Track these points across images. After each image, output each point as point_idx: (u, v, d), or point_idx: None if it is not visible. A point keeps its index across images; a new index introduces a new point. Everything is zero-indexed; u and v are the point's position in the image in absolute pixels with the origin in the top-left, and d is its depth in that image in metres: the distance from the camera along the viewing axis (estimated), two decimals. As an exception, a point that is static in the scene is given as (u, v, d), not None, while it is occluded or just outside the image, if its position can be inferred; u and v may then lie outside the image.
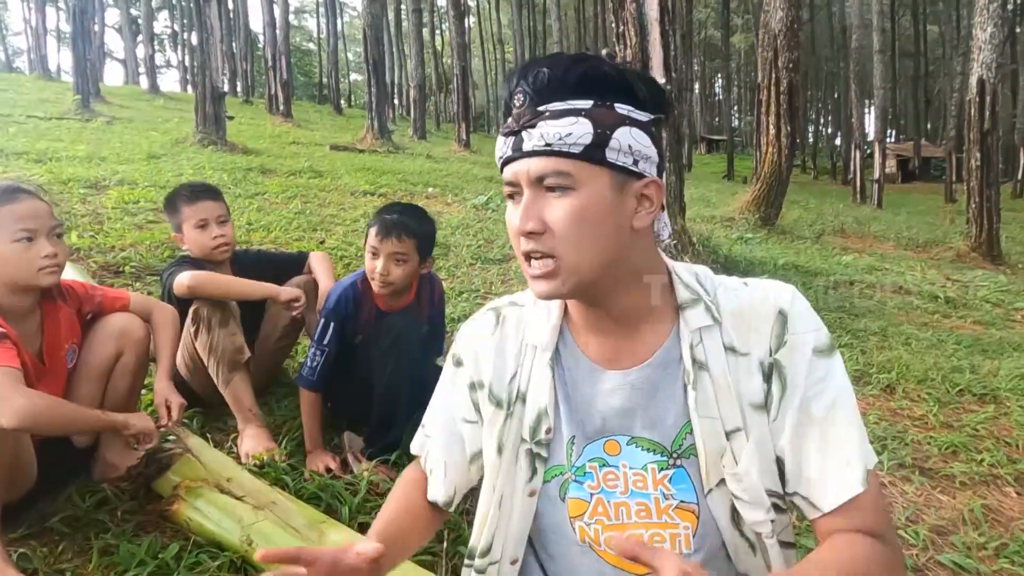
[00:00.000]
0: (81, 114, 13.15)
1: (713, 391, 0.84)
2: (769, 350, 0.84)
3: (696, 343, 0.85)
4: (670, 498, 0.86)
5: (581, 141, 0.78)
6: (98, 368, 1.72)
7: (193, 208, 2.22)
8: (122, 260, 3.71)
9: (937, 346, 4.16)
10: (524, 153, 0.80)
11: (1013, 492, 2.46)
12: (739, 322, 0.86)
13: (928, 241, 9.81)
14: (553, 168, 0.79)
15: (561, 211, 0.79)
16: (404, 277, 2.00)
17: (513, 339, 0.95)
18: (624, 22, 4.85)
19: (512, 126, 0.81)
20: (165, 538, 1.55)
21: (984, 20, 8.70)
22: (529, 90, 0.80)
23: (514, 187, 0.83)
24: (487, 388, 0.94)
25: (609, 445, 0.88)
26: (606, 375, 0.88)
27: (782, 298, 0.87)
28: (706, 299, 0.87)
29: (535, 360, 0.92)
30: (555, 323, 0.92)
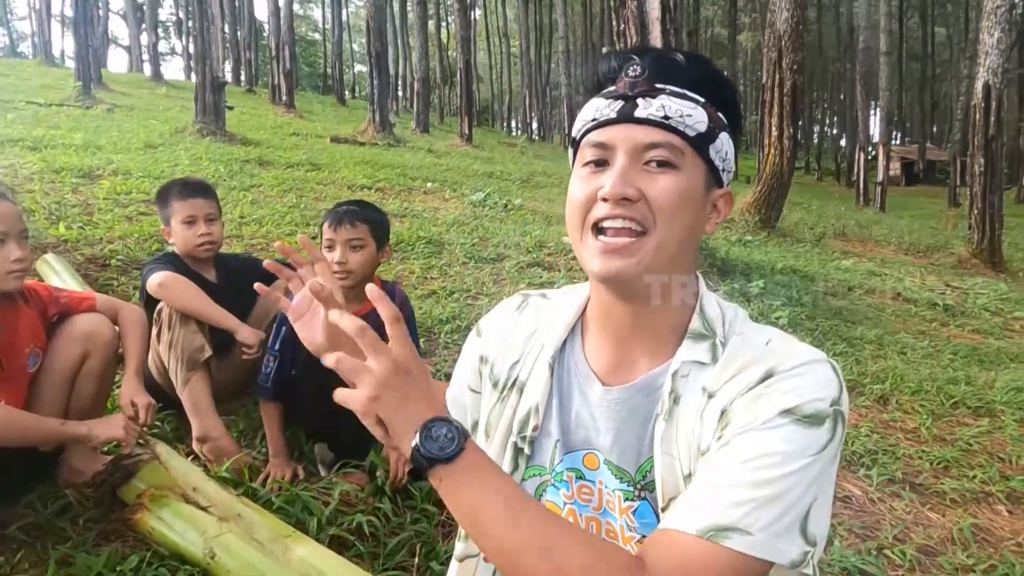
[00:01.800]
0: (82, 101, 13.08)
1: (677, 429, 0.79)
2: (734, 395, 0.76)
3: (682, 375, 0.80)
4: (633, 531, 0.82)
5: (697, 127, 0.78)
6: (63, 371, 1.68)
7: (184, 204, 2.21)
8: (109, 253, 3.66)
9: (933, 356, 4.11)
10: (635, 119, 0.77)
11: (1004, 511, 2.42)
12: (729, 367, 0.78)
13: (930, 246, 9.74)
14: (668, 140, 0.77)
15: (665, 184, 0.77)
16: (363, 264, 2.01)
17: (528, 327, 0.94)
18: (625, 20, 4.79)
19: (622, 91, 0.79)
20: (127, 548, 1.51)
21: (991, 24, 8.62)
22: (647, 64, 0.78)
23: (605, 152, 0.79)
24: (490, 365, 0.94)
25: (589, 458, 0.85)
26: (594, 387, 0.85)
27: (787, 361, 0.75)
28: (717, 339, 0.82)
29: (540, 355, 0.90)
30: (569, 322, 0.90)
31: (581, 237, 0.80)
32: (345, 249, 1.98)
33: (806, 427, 0.71)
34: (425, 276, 4.27)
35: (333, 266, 1.95)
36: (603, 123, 0.79)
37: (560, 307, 0.93)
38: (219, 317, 2.06)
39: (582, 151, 0.82)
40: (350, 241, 1.99)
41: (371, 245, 2.03)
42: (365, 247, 2.02)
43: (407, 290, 3.90)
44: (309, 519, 1.66)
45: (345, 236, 1.99)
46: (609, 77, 0.82)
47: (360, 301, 2.08)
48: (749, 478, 0.69)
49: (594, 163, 0.80)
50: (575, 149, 0.85)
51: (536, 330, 0.93)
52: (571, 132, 0.87)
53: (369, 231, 2.03)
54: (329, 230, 2.00)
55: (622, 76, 0.80)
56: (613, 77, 0.81)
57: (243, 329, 2.08)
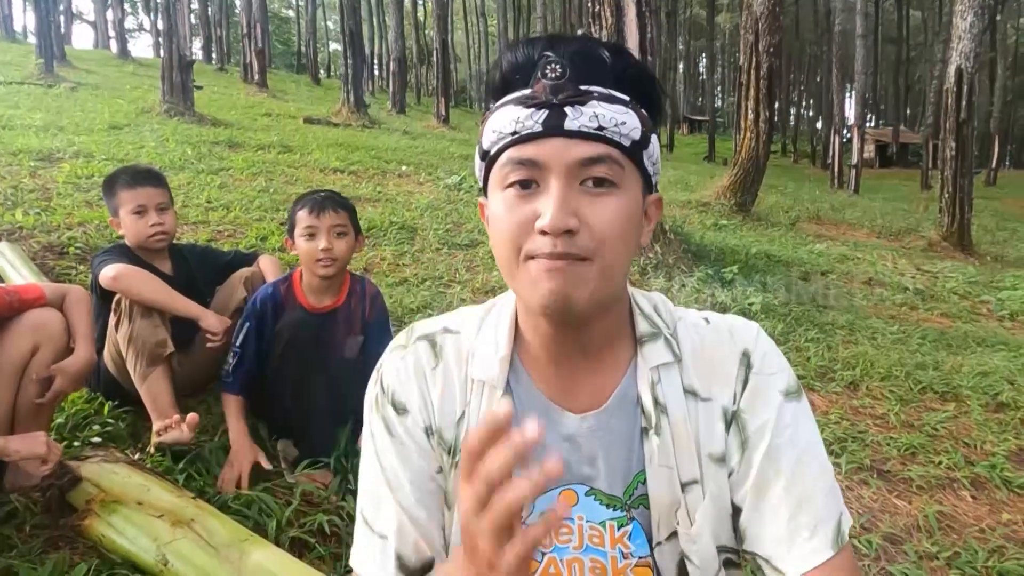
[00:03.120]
0: (44, 79, 12.69)
1: (671, 437, 0.75)
2: (733, 396, 0.76)
3: (656, 382, 0.76)
4: (628, 557, 0.78)
5: (632, 135, 0.69)
6: (12, 364, 1.61)
7: (132, 193, 2.11)
8: (68, 240, 3.54)
9: (903, 341, 4.15)
10: (566, 132, 0.67)
11: (968, 496, 2.45)
12: (701, 363, 0.78)
13: (901, 229, 9.87)
14: (608, 154, 0.68)
15: (609, 208, 0.68)
16: (346, 252, 1.99)
17: (456, 373, 0.81)
18: (600, 2, 4.71)
19: (543, 96, 0.67)
20: (76, 555, 1.46)
21: (964, 9, 8.67)
22: (567, 63, 0.68)
23: (533, 171, 0.68)
24: (438, 434, 0.80)
25: (565, 495, 0.79)
26: (564, 417, 0.78)
27: (746, 337, 0.79)
28: (666, 332, 0.79)
29: (483, 398, 0.79)
30: (505, 354, 0.79)
31: (516, 268, 0.70)
32: (330, 236, 1.94)
33: (799, 398, 0.77)
34: (397, 263, 4.21)
35: (318, 254, 1.92)
36: (527, 137, 0.69)
37: (483, 338, 0.81)
38: (182, 306, 1.99)
39: (501, 170, 0.71)
40: (334, 227, 1.95)
41: (351, 233, 2.01)
42: (347, 234, 1.99)
43: (378, 278, 3.85)
44: (268, 521, 1.61)
45: (329, 222, 1.94)
46: (519, 74, 0.70)
47: (336, 293, 2.05)
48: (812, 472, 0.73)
49: (519, 184, 0.69)
50: (488, 164, 0.73)
51: (468, 374, 0.80)
52: (481, 142, 0.74)
53: (349, 218, 2.01)
54: (310, 217, 1.94)
55: (538, 77, 0.68)
56: (525, 75, 0.70)
57: (208, 316, 2.01)
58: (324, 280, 1.98)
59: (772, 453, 0.73)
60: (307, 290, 2.02)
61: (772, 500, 0.73)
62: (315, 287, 2.01)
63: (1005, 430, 2.96)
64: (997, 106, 27.33)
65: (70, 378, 1.66)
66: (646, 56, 4.76)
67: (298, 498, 1.71)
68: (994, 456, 2.70)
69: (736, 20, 30.88)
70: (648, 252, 4.69)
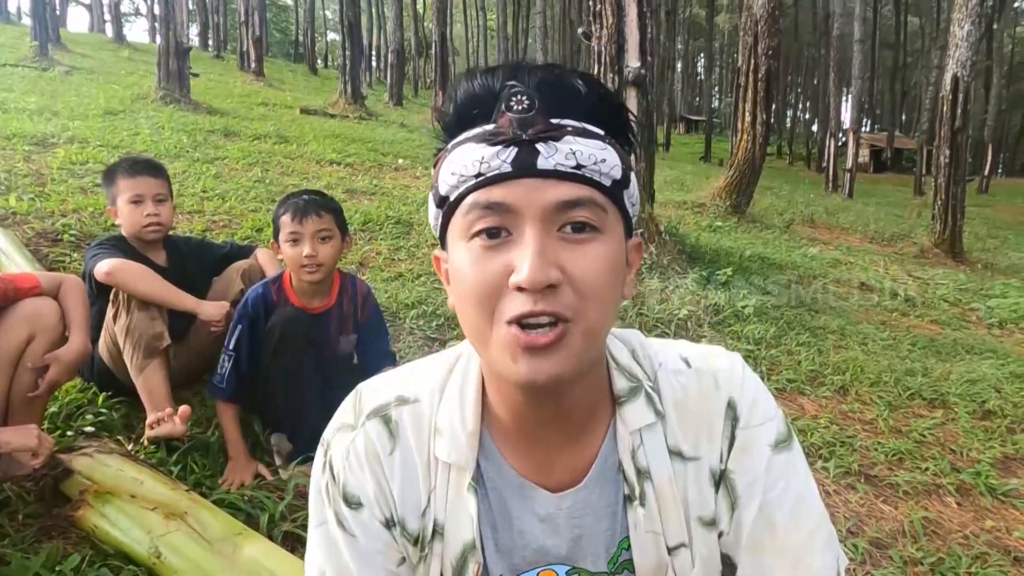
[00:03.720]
0: (38, 62, 12.55)
1: (656, 503, 0.70)
2: (720, 455, 0.71)
3: (637, 446, 0.70)
4: None
5: (612, 173, 0.62)
6: (7, 353, 1.61)
7: (131, 182, 2.11)
8: (62, 227, 3.52)
9: (893, 347, 4.19)
10: (539, 172, 0.59)
11: (954, 503, 2.48)
12: (686, 418, 0.72)
13: (894, 235, 9.93)
14: (588, 196, 0.60)
15: (590, 258, 0.60)
16: (332, 256, 1.96)
17: (417, 453, 0.72)
18: (601, 1, 4.71)
19: (512, 132, 0.59)
20: (69, 545, 1.46)
21: (962, 17, 8.70)
22: (535, 94, 0.60)
23: (503, 218, 0.60)
24: (400, 525, 0.72)
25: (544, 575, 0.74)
26: (539, 497, 0.71)
27: (732, 383, 0.72)
28: (646, 385, 0.72)
29: (450, 481, 0.71)
30: (473, 430, 0.70)
31: (488, 332, 0.61)
32: (314, 241, 1.91)
33: (789, 446, 0.72)
34: (392, 257, 4.20)
35: (302, 260, 1.89)
36: (494, 179, 0.60)
37: (447, 410, 0.72)
38: (177, 299, 1.99)
39: (464, 218, 0.61)
40: (319, 232, 1.92)
41: (337, 235, 1.98)
42: (332, 237, 1.95)
43: (373, 272, 3.85)
44: (260, 515, 1.62)
45: (313, 228, 1.90)
46: (476, 108, 0.62)
47: (326, 294, 2.04)
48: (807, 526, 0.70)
49: (487, 233, 0.60)
50: (447, 213, 0.64)
51: (431, 452, 0.72)
52: (437, 187, 0.65)
53: (334, 220, 1.97)
54: (293, 223, 1.90)
55: (502, 110, 0.60)
56: (486, 108, 0.61)
57: (205, 306, 2.01)
58: (311, 285, 1.97)
59: (765, 510, 0.69)
60: (297, 292, 2.00)
61: (768, 560, 0.69)
62: (304, 290, 1.99)
63: (991, 438, 2.99)
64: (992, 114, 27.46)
65: (64, 367, 1.66)
66: (646, 56, 4.77)
67: (291, 492, 1.72)
68: (979, 463, 2.74)
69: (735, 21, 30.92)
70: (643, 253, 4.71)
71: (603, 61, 4.76)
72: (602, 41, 4.76)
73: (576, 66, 26.23)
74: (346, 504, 0.72)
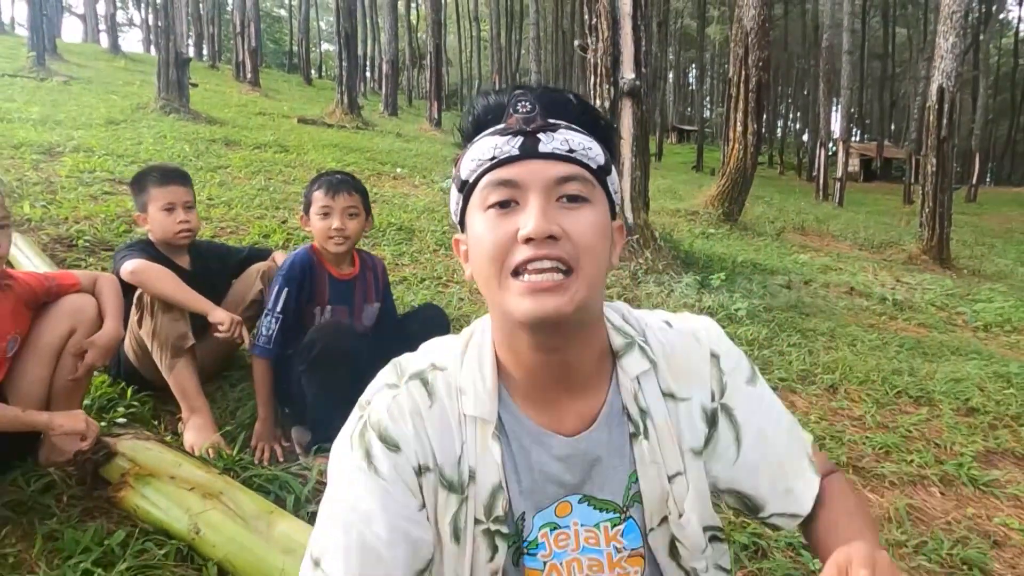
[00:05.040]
0: (36, 72, 12.64)
1: (656, 438, 0.84)
2: (712, 395, 0.87)
3: (637, 391, 0.85)
4: (622, 551, 0.86)
5: (598, 160, 0.78)
6: (50, 346, 1.72)
7: (163, 191, 2.22)
8: (76, 233, 3.62)
9: (881, 348, 4.33)
10: (540, 154, 0.75)
11: (938, 492, 2.60)
12: (674, 366, 0.87)
13: (883, 242, 10.11)
14: (579, 173, 0.76)
15: (583, 220, 0.75)
16: (357, 231, 2.16)
17: (451, 411, 0.83)
18: (597, 15, 4.87)
19: (519, 126, 0.76)
20: (111, 524, 1.56)
21: (947, 29, 8.93)
22: (536, 101, 0.77)
23: (513, 191, 0.75)
24: (437, 471, 0.81)
25: (560, 507, 0.85)
26: (555, 440, 0.83)
27: (711, 338, 0.90)
28: (639, 340, 0.87)
29: (478, 433, 0.82)
30: (492, 388, 0.82)
31: (499, 284, 0.75)
32: (344, 216, 2.10)
33: (755, 378, 0.92)
34: (396, 263, 4.32)
35: (331, 232, 2.08)
36: (504, 161, 0.75)
37: (467, 373, 0.84)
38: (192, 302, 2.09)
39: (481, 192, 0.77)
40: (347, 208, 2.11)
41: (363, 213, 2.17)
42: (359, 215, 2.15)
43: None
44: (288, 496, 1.73)
45: (343, 204, 2.10)
46: (491, 115, 0.79)
47: (351, 264, 2.24)
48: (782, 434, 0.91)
49: (499, 204, 0.75)
50: (467, 193, 0.80)
51: (461, 410, 0.83)
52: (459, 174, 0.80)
53: (361, 200, 2.17)
54: (326, 197, 2.10)
55: (510, 113, 0.77)
56: (497, 115, 0.78)
57: (216, 311, 2.11)
58: (337, 255, 2.15)
59: (761, 435, 0.89)
60: (328, 260, 2.18)
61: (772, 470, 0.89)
62: (330, 260, 2.17)
63: (974, 433, 3.12)
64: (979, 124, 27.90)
65: (100, 351, 1.77)
66: (640, 68, 4.93)
67: (314, 476, 1.83)
68: (962, 456, 2.86)
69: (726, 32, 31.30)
70: (639, 258, 4.85)
71: (599, 73, 4.91)
72: (598, 53, 4.92)
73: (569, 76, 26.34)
74: (383, 445, 0.80)
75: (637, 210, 5.07)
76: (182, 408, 2.02)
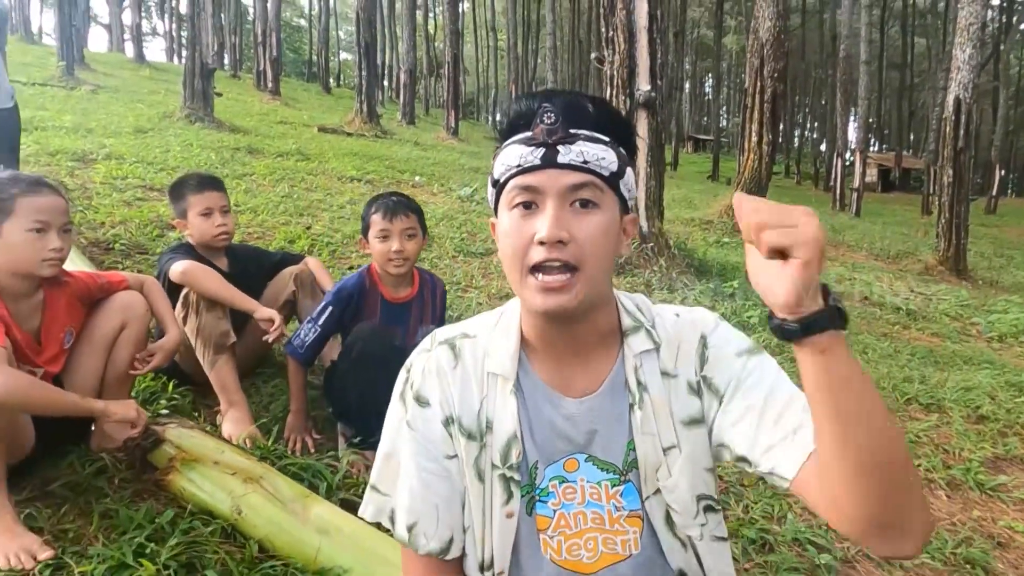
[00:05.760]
0: (65, 81, 13.00)
1: (652, 411, 0.94)
2: (695, 370, 0.95)
3: (639, 366, 0.96)
4: (621, 510, 0.97)
5: (610, 167, 0.89)
6: (103, 339, 1.85)
7: (200, 197, 2.36)
8: (112, 237, 3.79)
9: (892, 356, 4.38)
10: (558, 165, 0.86)
11: (944, 495, 2.67)
12: (671, 348, 0.97)
13: (899, 252, 10.10)
14: (590, 181, 0.87)
15: (590, 224, 0.87)
16: (416, 252, 2.19)
17: (473, 370, 0.98)
18: (614, 28, 4.99)
19: (542, 138, 0.87)
20: (160, 505, 1.68)
21: (964, 41, 8.95)
22: (559, 112, 0.88)
23: (533, 195, 0.87)
24: (457, 422, 0.97)
25: (569, 463, 0.97)
26: (564, 401, 0.96)
27: (707, 324, 0.98)
28: (647, 325, 0.98)
29: (498, 388, 0.97)
30: (514, 352, 0.97)
31: (520, 278, 0.89)
32: (402, 238, 2.14)
33: (759, 353, 0.94)
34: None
35: (391, 254, 2.12)
36: (528, 169, 0.88)
37: (496, 339, 0.99)
38: (240, 301, 2.22)
39: (509, 193, 0.90)
40: (406, 231, 2.14)
41: (419, 233, 2.21)
42: (416, 235, 2.19)
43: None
44: (320, 484, 1.84)
45: (401, 226, 2.14)
46: (522, 120, 0.90)
47: (409, 285, 2.27)
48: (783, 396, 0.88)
49: (523, 205, 0.89)
50: (499, 190, 0.93)
51: (484, 369, 0.98)
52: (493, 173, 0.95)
53: (417, 220, 2.21)
54: (383, 220, 2.14)
55: (537, 122, 0.88)
56: (527, 121, 0.89)
57: (262, 309, 2.24)
58: (397, 277, 2.19)
59: (746, 393, 0.90)
60: (384, 283, 2.22)
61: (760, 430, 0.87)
62: (389, 281, 2.22)
63: (983, 440, 3.17)
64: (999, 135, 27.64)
65: (166, 354, 1.95)
66: (656, 80, 5.03)
67: (343, 468, 1.94)
68: (970, 461, 2.90)
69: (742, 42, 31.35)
70: (653, 265, 4.94)
71: (615, 84, 5.03)
72: (614, 66, 5.03)
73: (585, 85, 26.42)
74: (417, 402, 0.99)
75: (652, 219, 5.17)
76: (221, 401, 2.16)
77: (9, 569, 1.40)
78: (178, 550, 1.47)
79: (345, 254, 4.30)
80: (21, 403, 1.53)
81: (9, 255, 1.63)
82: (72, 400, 1.65)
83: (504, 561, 0.98)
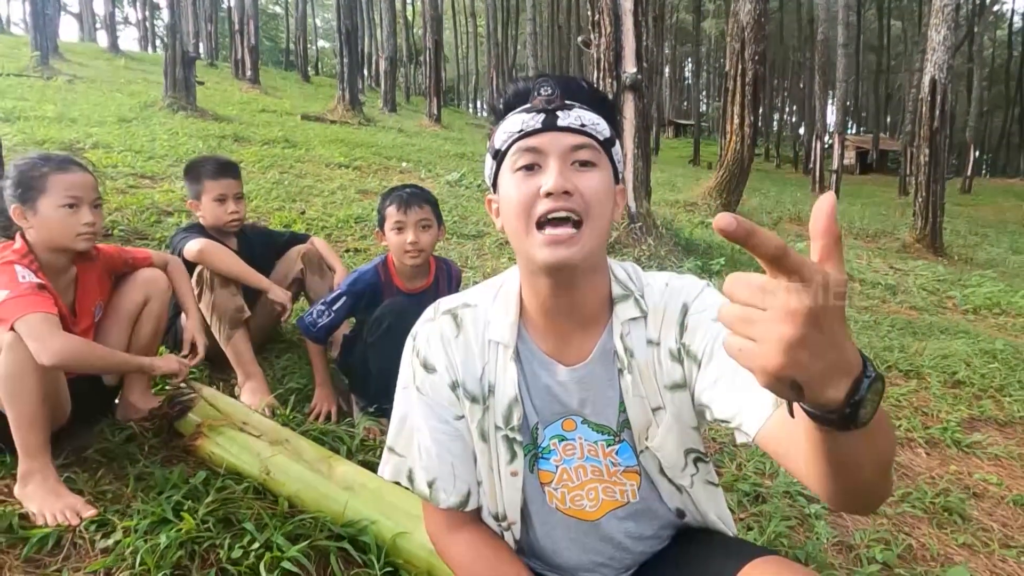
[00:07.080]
0: (40, 72, 12.78)
1: (640, 375, 1.00)
2: (675, 338, 0.99)
3: (626, 333, 1.00)
4: (617, 466, 1.05)
5: (604, 133, 0.96)
6: (128, 313, 1.93)
7: (216, 183, 2.42)
8: (111, 224, 3.82)
9: (873, 327, 4.55)
10: (558, 128, 0.92)
11: (923, 452, 2.82)
12: (656, 317, 1.01)
13: (878, 231, 10.34)
14: (589, 143, 0.94)
15: (592, 180, 0.92)
16: (431, 243, 2.19)
17: (475, 338, 1.03)
18: (600, 11, 5.06)
19: (542, 105, 0.93)
20: (190, 468, 1.77)
21: (939, 22, 9.14)
22: (556, 86, 0.94)
23: (536, 156, 0.93)
24: (462, 386, 1.03)
25: (566, 423, 1.04)
26: (558, 368, 1.02)
27: (691, 293, 1.01)
28: (636, 293, 1.02)
29: (499, 355, 1.02)
30: (513, 320, 1.02)
31: (526, 233, 0.92)
32: (417, 230, 2.14)
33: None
34: (411, 250, 4.52)
35: (406, 246, 2.14)
36: (530, 133, 0.93)
37: (496, 308, 1.04)
38: (253, 279, 2.30)
39: (511, 157, 0.95)
40: (420, 222, 2.15)
41: (435, 224, 2.21)
42: (431, 226, 2.19)
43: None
44: (340, 446, 1.94)
45: (415, 218, 2.14)
46: (519, 98, 0.97)
47: (425, 276, 2.30)
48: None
49: (525, 167, 0.93)
50: (499, 160, 0.98)
51: (485, 337, 1.03)
52: (493, 144, 0.99)
53: (432, 211, 2.20)
54: (398, 213, 2.14)
55: (535, 95, 0.94)
56: (524, 98, 0.96)
57: (275, 289, 2.32)
58: (413, 268, 2.21)
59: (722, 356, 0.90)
60: (400, 274, 2.25)
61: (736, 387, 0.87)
62: (406, 272, 2.24)
63: (959, 402, 3.33)
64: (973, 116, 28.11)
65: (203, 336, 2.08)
66: (641, 62, 5.13)
67: (360, 432, 2.04)
68: (948, 422, 3.07)
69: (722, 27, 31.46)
70: (642, 244, 5.06)
71: (602, 67, 5.11)
72: (601, 49, 5.12)
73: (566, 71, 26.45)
74: (424, 369, 1.05)
75: (640, 199, 5.28)
76: (238, 374, 2.24)
77: (56, 526, 1.49)
78: (214, 506, 1.56)
79: (341, 237, 4.36)
80: (80, 363, 1.62)
81: (47, 231, 1.70)
82: (123, 358, 1.75)
83: (515, 513, 1.06)
